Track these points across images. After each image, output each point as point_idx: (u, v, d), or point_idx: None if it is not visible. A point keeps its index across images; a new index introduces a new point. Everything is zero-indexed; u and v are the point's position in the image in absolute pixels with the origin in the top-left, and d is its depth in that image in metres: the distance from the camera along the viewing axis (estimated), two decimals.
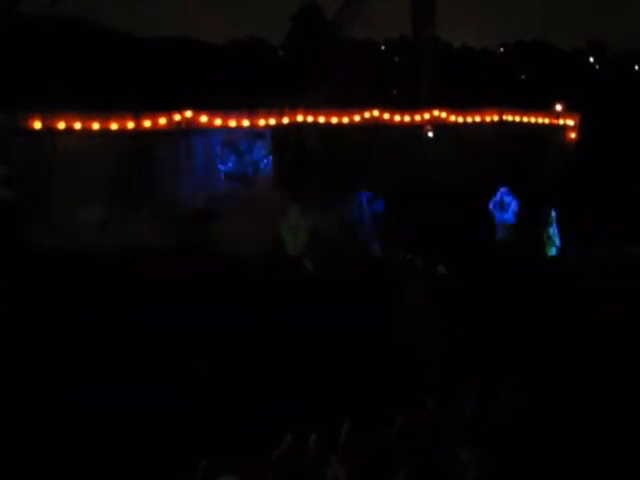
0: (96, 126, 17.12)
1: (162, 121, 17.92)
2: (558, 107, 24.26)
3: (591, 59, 56.21)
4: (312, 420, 8.93)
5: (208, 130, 18.46)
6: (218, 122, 18.50)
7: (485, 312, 12.98)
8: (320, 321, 12.29)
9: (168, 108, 18.17)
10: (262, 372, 10.54)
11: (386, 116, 20.44)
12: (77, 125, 16.99)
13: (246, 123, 18.75)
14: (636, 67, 52.26)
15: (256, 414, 9.49)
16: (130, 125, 17.51)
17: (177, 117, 18.09)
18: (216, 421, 9.37)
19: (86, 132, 17.01)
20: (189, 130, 18.10)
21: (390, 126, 20.56)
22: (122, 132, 17.46)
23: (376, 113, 20.29)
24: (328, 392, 9.92)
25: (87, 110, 17.22)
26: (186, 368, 10.74)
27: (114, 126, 17.31)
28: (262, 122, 18.96)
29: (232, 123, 18.63)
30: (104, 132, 17.21)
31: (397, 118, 20.64)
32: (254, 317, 12.43)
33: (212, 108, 18.63)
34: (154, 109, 18.02)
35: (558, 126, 23.97)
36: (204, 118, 18.30)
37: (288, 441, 8.41)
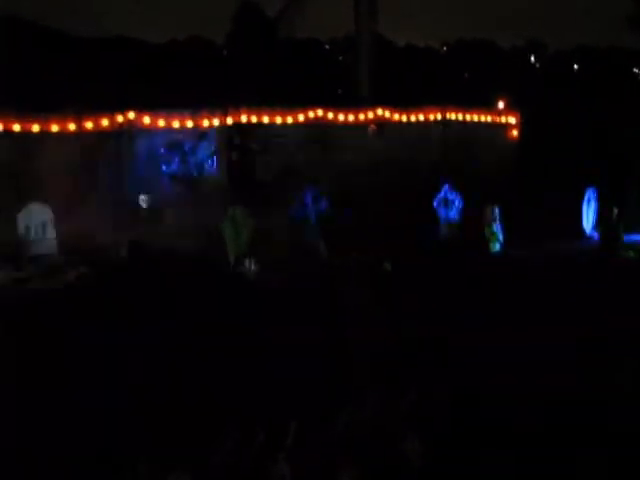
0: (36, 128, 16.83)
1: (104, 123, 17.71)
2: (500, 105, 24.60)
3: (532, 58, 57.20)
4: (259, 419, 8.92)
5: (151, 131, 18.30)
6: (161, 123, 18.37)
7: (429, 308, 13.13)
8: (265, 319, 12.33)
9: (110, 109, 17.97)
10: (207, 372, 10.51)
11: (330, 115, 20.50)
12: (16, 127, 16.70)
13: (189, 124, 18.64)
14: (575, 66, 53.29)
15: (202, 413, 9.45)
16: (71, 127, 17.26)
17: (119, 118, 17.90)
18: (162, 421, 9.32)
19: (26, 134, 16.72)
20: (132, 131, 17.91)
21: (334, 125, 20.63)
22: (63, 134, 17.20)
23: (320, 113, 20.34)
24: (274, 390, 9.93)
25: (27, 112, 16.93)
26: (128, 364, 10.69)
27: (55, 128, 17.05)
28: (206, 122, 18.88)
29: (175, 124, 18.50)
30: (45, 134, 16.93)
31: (341, 117, 20.72)
32: (198, 318, 12.40)
33: (155, 109, 18.48)
34: (96, 110, 17.80)
35: (500, 124, 24.31)
36: (147, 119, 18.16)
37: (235, 440, 8.39)
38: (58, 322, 12.20)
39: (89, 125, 17.44)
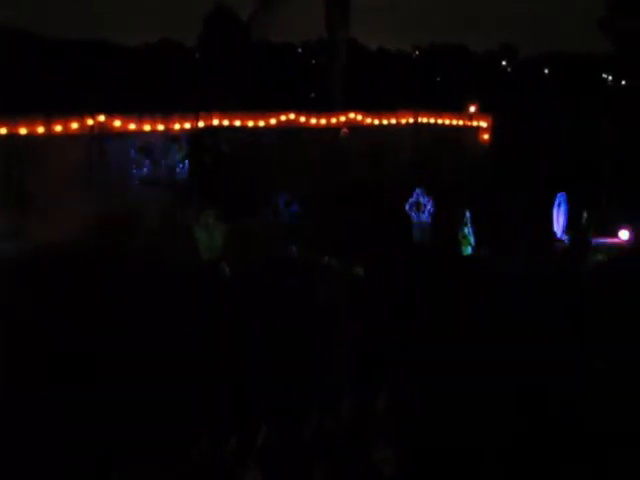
0: (3, 131, 16.63)
1: (74, 125, 17.54)
2: (472, 109, 24.76)
3: (503, 62, 57.67)
4: (230, 422, 8.88)
5: (122, 134, 18.14)
6: (132, 126, 18.22)
7: (401, 311, 13.15)
8: (237, 323, 12.28)
9: (80, 112, 17.80)
10: (180, 375, 10.44)
11: (302, 119, 20.51)
12: None
13: (161, 127, 18.52)
14: (546, 70, 53.79)
15: (174, 417, 9.40)
16: (40, 130, 17.06)
17: (90, 121, 17.74)
18: (134, 423, 9.27)
19: None
20: (102, 134, 17.75)
21: (307, 128, 20.65)
22: (32, 136, 17.01)
23: (292, 116, 20.33)
24: (245, 394, 9.89)
25: None
26: (99, 366, 10.64)
27: (23, 131, 16.85)
28: (177, 126, 18.77)
29: (146, 127, 18.37)
30: (12, 137, 16.72)
31: (313, 121, 20.74)
32: (171, 319, 12.33)
33: (126, 112, 18.33)
34: (66, 113, 17.63)
35: (472, 127, 24.47)
36: (117, 122, 18.00)
37: (206, 444, 8.35)
38: None
39: (58, 128, 17.25)
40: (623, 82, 42.76)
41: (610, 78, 48.59)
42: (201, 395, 9.93)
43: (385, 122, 22.21)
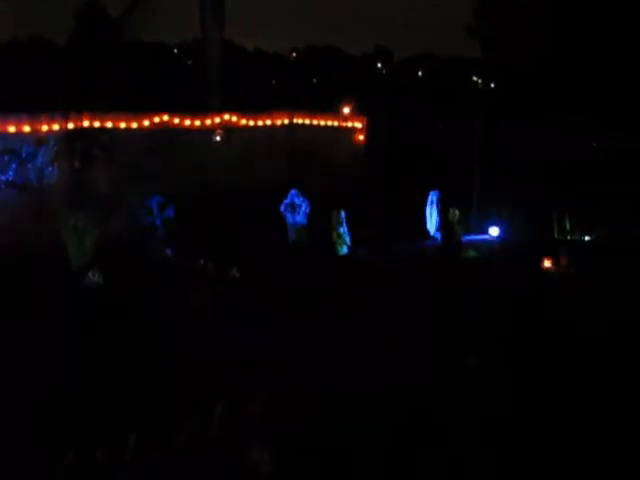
0: None
1: None
2: (346, 110, 25.06)
3: (379, 64, 58.71)
4: (98, 435, 8.65)
5: None
6: None
7: (277, 312, 13.19)
8: (108, 331, 12.01)
9: None
10: (43, 388, 10.09)
11: (176, 120, 20.22)
12: None
13: (27, 129, 17.84)
14: (419, 73, 55.17)
15: (40, 431, 9.08)
16: None
17: None
18: None
19: None
20: None
21: (181, 130, 20.38)
22: None
23: (166, 118, 20.02)
24: (114, 403, 9.66)
25: None
26: None
27: None
28: (45, 128, 18.12)
29: (11, 129, 17.66)
30: None
31: (187, 122, 20.49)
32: (40, 331, 11.92)
33: None
34: None
35: (346, 128, 24.78)
36: None
37: (71, 458, 8.12)
38: None
39: None
40: (492, 85, 44.28)
41: (480, 81, 50.17)
42: (66, 408, 9.59)
43: (260, 123, 22.19)
